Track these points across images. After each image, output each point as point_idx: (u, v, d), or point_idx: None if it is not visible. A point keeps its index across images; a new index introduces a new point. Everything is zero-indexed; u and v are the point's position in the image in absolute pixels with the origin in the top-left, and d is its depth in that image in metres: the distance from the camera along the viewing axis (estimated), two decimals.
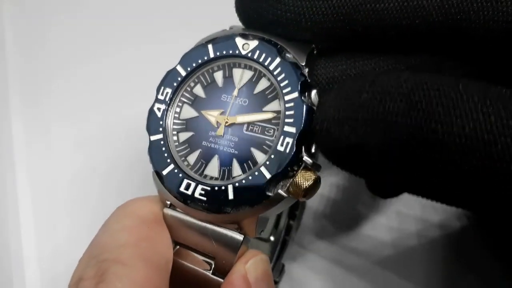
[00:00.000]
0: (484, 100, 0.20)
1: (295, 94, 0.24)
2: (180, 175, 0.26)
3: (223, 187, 0.24)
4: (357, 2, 0.24)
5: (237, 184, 0.24)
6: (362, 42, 0.26)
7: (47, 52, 0.48)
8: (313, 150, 0.24)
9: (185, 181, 0.25)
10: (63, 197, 0.41)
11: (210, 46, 0.27)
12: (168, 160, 0.26)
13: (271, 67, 0.25)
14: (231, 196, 0.24)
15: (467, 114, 0.20)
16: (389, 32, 0.24)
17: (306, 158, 0.24)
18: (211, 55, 0.27)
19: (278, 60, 0.25)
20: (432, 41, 0.25)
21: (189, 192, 0.25)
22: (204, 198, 0.25)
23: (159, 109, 0.27)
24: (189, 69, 0.27)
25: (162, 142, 0.27)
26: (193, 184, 0.25)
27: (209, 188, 0.25)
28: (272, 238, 0.35)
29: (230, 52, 0.26)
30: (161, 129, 0.27)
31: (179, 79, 0.27)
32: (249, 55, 0.26)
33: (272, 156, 0.24)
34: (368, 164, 0.23)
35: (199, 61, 0.27)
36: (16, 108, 0.46)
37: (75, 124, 0.44)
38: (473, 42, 0.24)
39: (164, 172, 0.26)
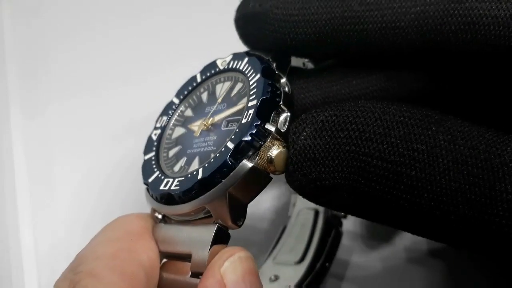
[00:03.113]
0: (454, 144, 0.20)
1: (258, 76, 0.25)
2: (162, 177, 0.26)
3: (194, 172, 0.24)
4: (338, 23, 0.25)
5: (206, 165, 0.24)
6: (348, 59, 0.27)
7: (47, 46, 0.52)
8: (280, 121, 0.24)
9: (165, 181, 0.26)
10: (62, 196, 0.40)
11: (198, 74, 0.30)
12: (155, 169, 0.27)
13: (241, 67, 0.27)
14: (200, 175, 0.24)
15: (440, 161, 0.19)
16: (370, 51, 0.25)
17: (268, 126, 0.23)
18: (198, 80, 0.30)
19: (246, 59, 0.27)
20: (414, 59, 0.25)
21: (167, 188, 0.25)
22: (178, 187, 0.24)
23: (155, 134, 0.29)
24: (181, 97, 0.30)
25: (153, 158, 0.28)
26: (170, 180, 0.25)
27: (183, 178, 0.25)
28: (302, 262, 0.31)
29: (212, 72, 0.29)
30: (154, 148, 0.29)
31: (174, 107, 0.30)
32: (226, 67, 0.28)
33: (237, 130, 0.24)
34: (342, 201, 0.22)
35: (189, 88, 0.30)
36: (16, 114, 0.47)
37: (77, 125, 0.45)
38: (454, 63, 0.24)
39: (150, 180, 0.27)
